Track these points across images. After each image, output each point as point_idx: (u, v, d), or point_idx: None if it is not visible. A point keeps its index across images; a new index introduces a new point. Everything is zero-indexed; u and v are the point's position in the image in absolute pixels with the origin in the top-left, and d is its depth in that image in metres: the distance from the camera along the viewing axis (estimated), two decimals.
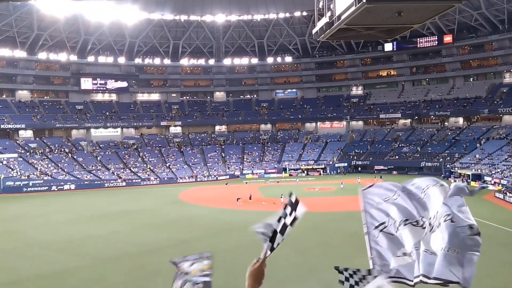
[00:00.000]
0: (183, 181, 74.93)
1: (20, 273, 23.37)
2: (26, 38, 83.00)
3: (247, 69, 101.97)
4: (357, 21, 6.35)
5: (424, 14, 6.49)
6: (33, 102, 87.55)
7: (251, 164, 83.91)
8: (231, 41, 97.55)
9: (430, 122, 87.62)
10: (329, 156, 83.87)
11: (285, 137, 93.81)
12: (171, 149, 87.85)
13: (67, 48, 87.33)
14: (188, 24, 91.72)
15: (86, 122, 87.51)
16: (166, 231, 34.03)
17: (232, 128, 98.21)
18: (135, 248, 28.68)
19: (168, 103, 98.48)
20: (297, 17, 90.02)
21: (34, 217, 42.58)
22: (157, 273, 22.86)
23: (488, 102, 79.14)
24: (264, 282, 3.27)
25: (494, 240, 28.55)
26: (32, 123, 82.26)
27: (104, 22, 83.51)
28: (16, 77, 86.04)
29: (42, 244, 30.49)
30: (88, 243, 30.46)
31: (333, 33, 7.36)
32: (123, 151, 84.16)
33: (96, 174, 74.51)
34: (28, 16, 78.99)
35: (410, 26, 6.96)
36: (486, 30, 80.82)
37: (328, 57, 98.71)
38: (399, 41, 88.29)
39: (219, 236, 31.83)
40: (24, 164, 71.88)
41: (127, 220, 39.45)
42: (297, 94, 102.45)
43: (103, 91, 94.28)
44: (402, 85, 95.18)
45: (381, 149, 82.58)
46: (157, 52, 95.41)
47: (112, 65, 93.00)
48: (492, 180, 56.53)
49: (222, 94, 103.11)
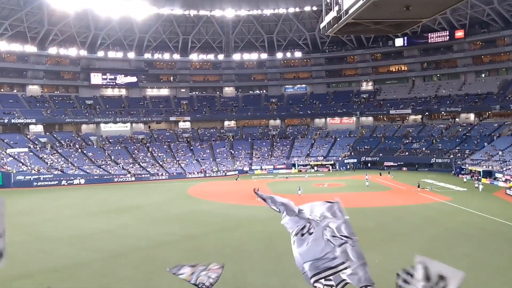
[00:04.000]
0: (192, 176, 75.11)
1: (31, 267, 23.58)
2: (36, 33, 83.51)
3: (257, 64, 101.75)
4: (365, 15, 6.29)
5: (433, 8, 6.41)
6: (43, 96, 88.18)
7: (260, 159, 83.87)
8: (241, 36, 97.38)
9: (441, 118, 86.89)
10: (338, 152, 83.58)
11: (294, 132, 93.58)
12: (180, 144, 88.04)
13: (77, 43, 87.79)
14: (197, 19, 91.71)
15: (96, 117, 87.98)
16: (175, 226, 34.15)
17: (241, 123, 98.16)
18: (144, 242, 28.82)
19: (178, 98, 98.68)
20: (307, 12, 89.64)
21: (44, 211, 42.95)
22: (166, 267, 22.91)
23: (500, 98, 78.30)
24: (273, 277, 3.27)
25: (504, 237, 28.38)
26: (43, 117, 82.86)
27: (114, 17, 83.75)
28: (27, 72, 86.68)
29: (52, 238, 30.74)
30: (98, 237, 30.65)
31: (341, 28, 7.32)
32: (132, 146, 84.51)
33: (106, 168, 74.92)
34: (39, 11, 79.42)
35: (419, 20, 6.88)
36: (498, 25, 79.87)
37: (338, 52, 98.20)
38: (410, 36, 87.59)
39: (227, 231, 31.87)
40: (34, 158, 72.46)
41: (136, 214, 39.64)
42: (307, 90, 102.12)
43: (112, 86, 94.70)
44: (413, 80, 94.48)
45: (391, 145, 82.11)
46: (167, 47, 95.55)
47: (122, 60, 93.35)
48: (503, 177, 56.00)
49: (231, 89, 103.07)
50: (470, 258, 23.61)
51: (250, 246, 26.95)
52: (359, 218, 34.25)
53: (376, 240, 26.66)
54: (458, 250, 25.07)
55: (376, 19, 6.79)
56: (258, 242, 28.05)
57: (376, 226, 31.88)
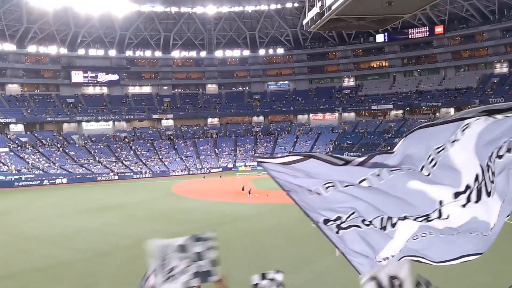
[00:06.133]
0: (176, 174, 74.86)
1: (14, 267, 23.29)
2: (15, 31, 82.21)
3: (239, 61, 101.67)
4: (347, 11, 6.39)
5: (414, 4, 6.53)
6: (23, 95, 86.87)
7: (244, 156, 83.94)
8: (223, 33, 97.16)
9: (422, 113, 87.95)
10: (321, 147, 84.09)
11: (277, 129, 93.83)
12: (164, 142, 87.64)
13: (57, 41, 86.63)
14: (179, 16, 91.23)
15: (77, 116, 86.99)
16: (160, 224, 34.03)
17: (224, 120, 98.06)
18: (129, 241, 28.65)
19: (160, 96, 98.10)
20: (289, 8, 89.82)
21: (26, 211, 42.37)
22: None
23: (479, 93, 79.60)
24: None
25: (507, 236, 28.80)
26: (23, 117, 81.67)
27: (94, 15, 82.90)
28: (6, 70, 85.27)
29: (35, 238, 30.38)
30: (81, 236, 30.39)
31: (324, 24, 7.40)
32: (115, 144, 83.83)
33: (88, 167, 74.22)
34: (17, 9, 78.22)
35: (400, 16, 7.00)
36: (477, 21, 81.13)
37: (320, 48, 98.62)
38: (391, 32, 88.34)
39: (212, 228, 31.77)
40: (15, 158, 71.43)
41: (120, 213, 39.39)
42: (289, 86, 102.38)
43: (94, 84, 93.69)
44: (394, 76, 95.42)
45: (373, 140, 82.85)
46: (148, 45, 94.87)
47: (103, 57, 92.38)
48: None
49: (214, 87, 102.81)
50: None
51: (236, 242, 27.01)
52: None
53: None
54: None
55: (358, 15, 6.90)
56: (243, 238, 28.12)
57: None
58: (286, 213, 37.02)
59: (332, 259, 22.19)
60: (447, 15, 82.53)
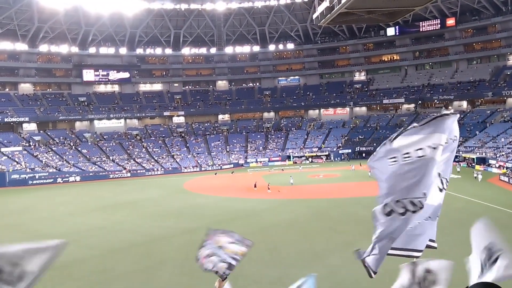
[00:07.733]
0: (188, 170, 75.10)
1: None
2: (27, 31, 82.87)
3: (249, 57, 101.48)
4: (357, 4, 6.33)
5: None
6: (36, 95, 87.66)
7: (255, 152, 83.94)
8: (232, 29, 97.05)
9: (434, 106, 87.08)
10: (333, 142, 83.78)
11: (288, 124, 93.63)
12: (175, 139, 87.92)
13: (68, 40, 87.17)
14: (188, 12, 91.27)
15: (89, 114, 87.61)
16: (172, 220, 34.20)
17: (235, 116, 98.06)
18: (142, 238, 28.85)
19: (171, 93, 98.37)
20: (298, 3, 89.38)
21: (40, 209, 42.80)
22: (164, 262, 23.03)
23: (492, 85, 78.64)
24: (271, 268, 3.29)
25: (498, 223, 28.54)
26: (36, 115, 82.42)
27: (104, 13, 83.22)
28: (18, 70, 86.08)
29: (48, 236, 30.65)
30: (95, 234, 30.63)
31: (334, 18, 7.34)
32: (127, 142, 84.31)
33: (101, 165, 74.75)
34: (28, 9, 78.79)
35: (411, 8, 6.92)
36: (489, 13, 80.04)
37: (330, 43, 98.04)
38: (402, 25, 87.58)
39: (224, 224, 31.93)
40: (29, 157, 72.15)
41: (133, 210, 39.64)
42: (300, 81, 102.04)
43: (105, 83, 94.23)
44: (405, 69, 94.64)
45: (385, 134, 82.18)
46: (158, 42, 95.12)
47: (114, 56, 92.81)
48: (497, 163, 56.34)
49: (225, 83, 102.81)
50: (466, 245, 23.74)
51: (248, 238, 27.02)
52: (355, 207, 34.46)
53: (372, 229, 26.77)
54: (452, 237, 25.23)
55: (368, 8, 6.83)
56: (255, 233, 28.12)
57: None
58: (297, 208, 37.00)
59: (345, 253, 22.17)
60: (458, 7, 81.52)
